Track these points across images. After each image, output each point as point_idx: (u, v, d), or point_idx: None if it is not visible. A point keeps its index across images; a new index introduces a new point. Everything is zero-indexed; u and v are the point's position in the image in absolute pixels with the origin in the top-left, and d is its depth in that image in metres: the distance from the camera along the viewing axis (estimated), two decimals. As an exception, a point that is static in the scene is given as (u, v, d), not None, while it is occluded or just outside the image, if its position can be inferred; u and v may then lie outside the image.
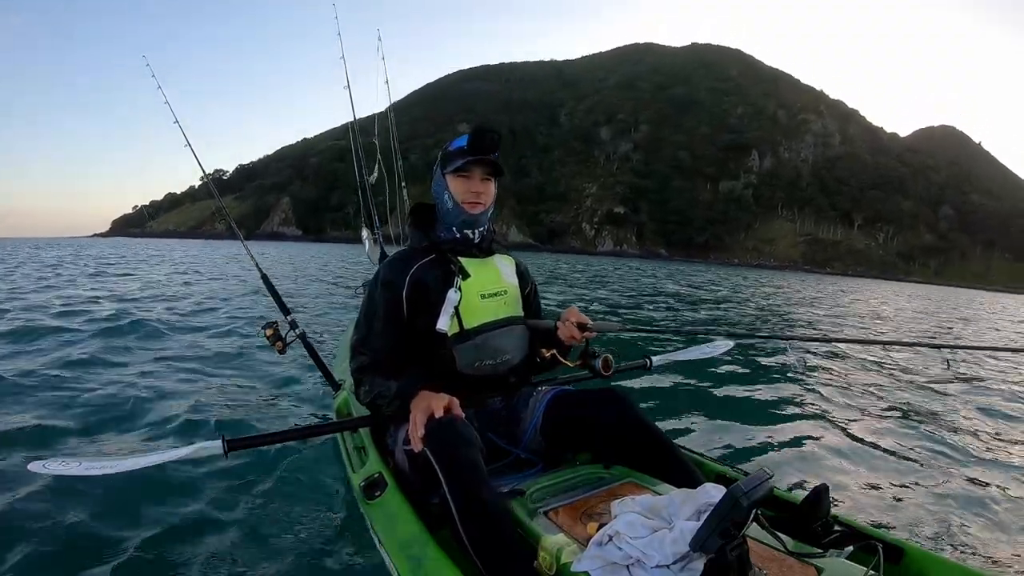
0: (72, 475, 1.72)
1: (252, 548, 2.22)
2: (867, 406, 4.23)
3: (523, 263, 2.32)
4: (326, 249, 65.66)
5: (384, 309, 1.96)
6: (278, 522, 2.42)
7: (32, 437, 3.24)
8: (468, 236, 2.07)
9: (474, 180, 2.00)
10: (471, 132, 1.98)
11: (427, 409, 1.70)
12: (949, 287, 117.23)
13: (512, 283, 2.16)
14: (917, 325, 15.39)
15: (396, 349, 1.95)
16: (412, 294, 1.96)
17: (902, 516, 2.83)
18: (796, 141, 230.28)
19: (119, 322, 7.28)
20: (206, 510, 2.50)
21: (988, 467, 3.63)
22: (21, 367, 4.97)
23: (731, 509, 1.13)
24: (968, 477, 3.44)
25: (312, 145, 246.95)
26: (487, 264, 2.12)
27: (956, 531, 2.68)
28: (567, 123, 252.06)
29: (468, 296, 1.97)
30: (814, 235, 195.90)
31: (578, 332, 2.07)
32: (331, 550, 2.22)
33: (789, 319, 13.17)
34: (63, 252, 31.18)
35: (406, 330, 1.96)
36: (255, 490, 2.69)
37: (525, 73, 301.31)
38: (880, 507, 2.93)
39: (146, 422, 3.65)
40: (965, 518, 2.85)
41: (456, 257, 2.03)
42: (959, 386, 5.98)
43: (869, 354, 7.55)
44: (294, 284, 14.86)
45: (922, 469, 3.54)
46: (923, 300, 35.10)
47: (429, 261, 2.02)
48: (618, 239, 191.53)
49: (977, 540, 2.60)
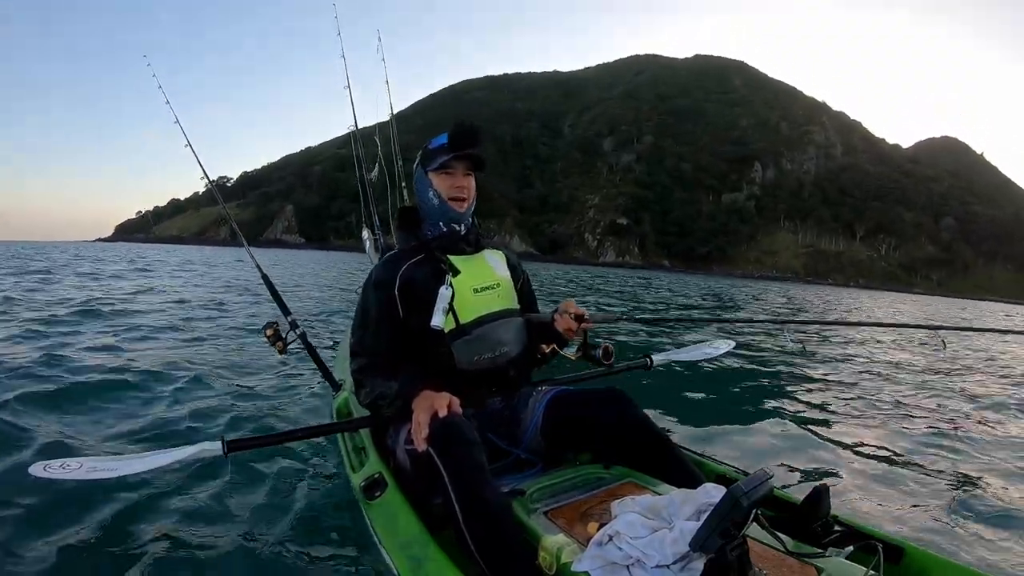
0: (72, 478, 1.71)
1: (252, 548, 2.21)
2: (867, 406, 4.23)
3: (513, 256, 2.32)
4: (329, 257, 65.62)
5: (378, 310, 1.96)
6: (278, 522, 2.41)
7: (31, 440, 3.22)
8: (455, 230, 2.08)
9: (457, 176, 2.02)
10: (451, 129, 1.98)
11: (430, 408, 1.70)
12: (951, 298, 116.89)
13: (504, 276, 2.16)
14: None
15: (393, 349, 1.95)
16: (404, 293, 1.96)
17: (902, 516, 2.82)
18: (799, 152, 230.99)
19: (120, 322, 7.29)
20: (205, 510, 2.49)
21: (989, 466, 3.62)
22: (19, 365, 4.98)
23: (731, 509, 1.13)
24: (969, 476, 3.43)
25: (315, 154, 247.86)
26: (477, 259, 2.12)
27: (956, 531, 2.66)
28: (570, 134, 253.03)
29: (461, 291, 1.97)
30: (816, 246, 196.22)
31: (575, 324, 2.06)
32: (331, 550, 2.21)
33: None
34: (63, 255, 31.16)
35: (402, 330, 1.96)
36: (255, 490, 2.68)
37: (528, 84, 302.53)
38: (880, 507, 2.92)
39: (146, 424, 3.63)
40: (965, 517, 2.83)
41: (445, 255, 2.04)
42: (960, 385, 5.98)
43: (869, 354, 7.55)
44: (295, 287, 14.84)
45: (923, 468, 3.52)
46: (928, 308, 35.04)
47: (418, 260, 2.03)
48: (620, 250, 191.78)
49: (977, 540, 2.59)
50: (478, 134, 1.99)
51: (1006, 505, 3.02)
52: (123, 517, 2.38)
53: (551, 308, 2.04)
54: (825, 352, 7.31)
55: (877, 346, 8.24)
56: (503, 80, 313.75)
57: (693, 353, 3.08)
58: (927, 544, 1.64)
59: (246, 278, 16.36)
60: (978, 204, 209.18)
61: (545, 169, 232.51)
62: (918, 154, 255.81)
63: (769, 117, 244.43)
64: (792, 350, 6.77)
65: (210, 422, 3.63)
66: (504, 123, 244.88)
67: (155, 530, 2.29)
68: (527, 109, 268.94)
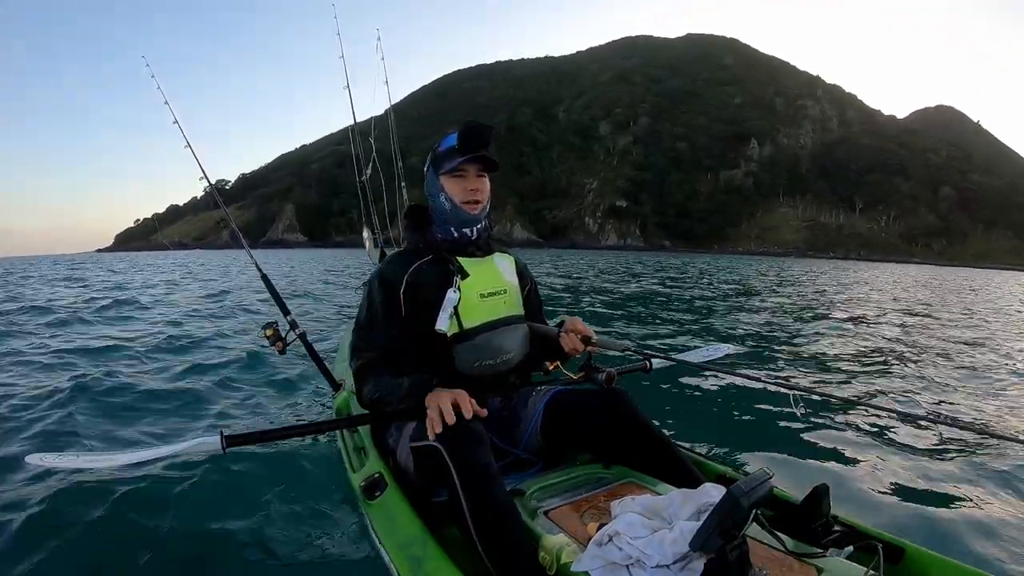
0: (69, 468, 1.72)
1: (251, 548, 2.20)
2: (867, 405, 4.22)
3: (522, 261, 2.28)
4: (330, 254, 65.39)
5: (384, 307, 1.92)
6: (277, 522, 2.40)
7: (29, 431, 3.25)
8: (466, 234, 2.01)
9: (469, 178, 1.95)
10: (461, 130, 1.90)
11: (451, 399, 1.65)
12: (952, 267, 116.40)
13: (512, 282, 2.11)
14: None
15: (398, 347, 1.92)
16: (410, 294, 1.92)
17: (902, 516, 2.78)
18: (794, 127, 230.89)
19: (118, 320, 7.34)
20: (205, 510, 2.48)
21: (990, 466, 3.59)
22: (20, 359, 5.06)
23: (731, 509, 1.13)
24: (969, 476, 3.36)
25: (312, 151, 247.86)
26: (486, 263, 2.07)
27: (956, 531, 2.64)
28: (565, 119, 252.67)
29: (467, 296, 1.93)
30: (816, 220, 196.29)
31: (581, 346, 2.03)
32: (331, 550, 2.20)
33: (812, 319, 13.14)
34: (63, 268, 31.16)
35: (405, 330, 1.92)
36: (254, 490, 2.67)
37: (520, 70, 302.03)
38: (880, 507, 2.88)
39: (144, 419, 3.65)
40: (966, 517, 2.79)
41: (454, 257, 1.98)
42: (962, 383, 5.98)
43: (869, 353, 7.56)
44: (295, 287, 14.84)
45: (923, 468, 3.43)
46: (934, 281, 34.92)
47: (427, 261, 1.98)
48: (621, 232, 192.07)
49: (977, 539, 2.57)
50: (489, 134, 1.91)
51: (1008, 505, 3.01)
52: (121, 515, 2.37)
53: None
54: (825, 351, 7.31)
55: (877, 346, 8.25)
56: (495, 68, 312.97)
57: (693, 356, 3.07)
58: (927, 544, 1.76)
59: (246, 279, 16.38)
60: (976, 173, 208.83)
61: (542, 155, 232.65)
62: (914, 124, 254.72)
63: (763, 93, 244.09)
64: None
65: (208, 421, 3.66)
66: (498, 111, 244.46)
67: (152, 528, 2.29)
68: (521, 96, 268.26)
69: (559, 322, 2.12)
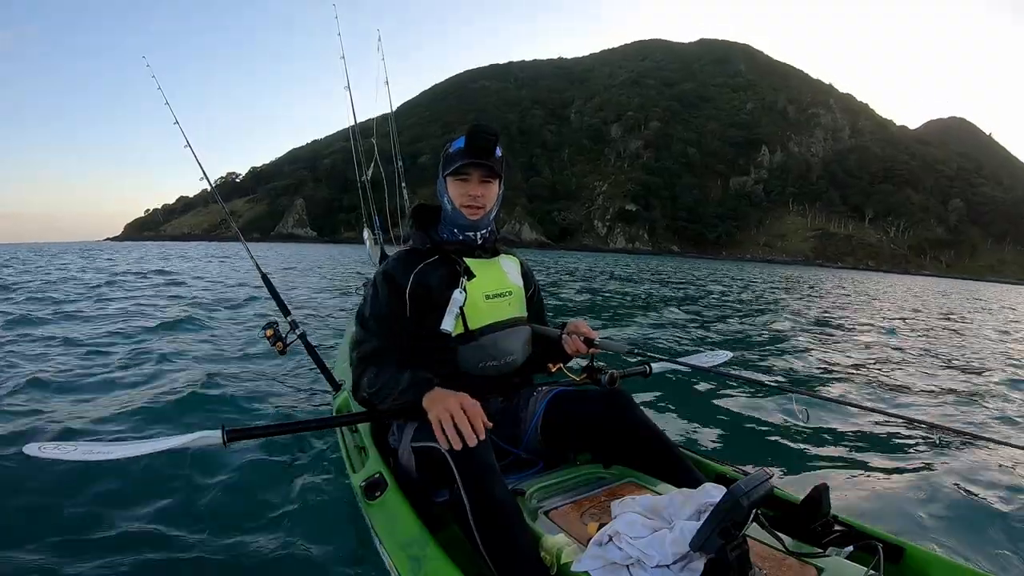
0: (68, 459, 1.68)
1: (251, 547, 2.20)
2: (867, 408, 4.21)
3: (527, 263, 2.28)
4: (338, 250, 65.45)
5: (389, 303, 1.90)
6: (278, 522, 2.41)
7: (29, 421, 3.27)
8: (470, 238, 2.01)
9: (472, 183, 1.91)
10: (467, 133, 1.87)
11: (458, 406, 1.63)
12: (961, 280, 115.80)
13: (517, 284, 2.11)
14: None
15: (399, 345, 1.90)
16: (416, 293, 1.91)
17: (902, 516, 2.80)
18: (806, 135, 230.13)
19: (120, 315, 7.36)
20: (204, 506, 2.50)
21: (990, 466, 3.60)
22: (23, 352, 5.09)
23: (731, 509, 1.13)
24: (970, 476, 3.36)
25: (323, 147, 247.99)
26: (492, 264, 2.07)
27: (956, 531, 2.65)
28: (577, 121, 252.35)
29: (473, 297, 1.92)
30: (825, 229, 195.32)
31: (584, 347, 2.03)
32: (331, 550, 2.21)
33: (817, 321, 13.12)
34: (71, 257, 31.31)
35: (409, 329, 1.91)
36: (254, 490, 2.68)
37: (533, 71, 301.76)
38: (880, 507, 2.89)
39: (145, 413, 3.66)
40: (966, 517, 2.82)
41: (461, 258, 1.98)
42: (961, 384, 5.97)
43: (870, 352, 7.55)
44: (296, 286, 14.84)
45: (923, 468, 3.48)
46: (942, 294, 34.79)
47: (434, 261, 1.97)
48: (630, 236, 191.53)
49: (978, 539, 2.58)
50: (495, 140, 1.88)
51: (1008, 505, 3.01)
52: (120, 512, 2.38)
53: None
54: (825, 351, 7.30)
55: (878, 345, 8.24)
56: (508, 68, 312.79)
57: (693, 360, 3.05)
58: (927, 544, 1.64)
59: (247, 278, 16.41)
60: (986, 185, 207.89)
61: (552, 157, 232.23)
62: (926, 135, 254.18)
63: (776, 100, 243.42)
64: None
65: (207, 421, 3.64)
66: (510, 111, 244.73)
67: (152, 526, 2.30)
68: (533, 97, 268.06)
69: (561, 324, 2.11)
